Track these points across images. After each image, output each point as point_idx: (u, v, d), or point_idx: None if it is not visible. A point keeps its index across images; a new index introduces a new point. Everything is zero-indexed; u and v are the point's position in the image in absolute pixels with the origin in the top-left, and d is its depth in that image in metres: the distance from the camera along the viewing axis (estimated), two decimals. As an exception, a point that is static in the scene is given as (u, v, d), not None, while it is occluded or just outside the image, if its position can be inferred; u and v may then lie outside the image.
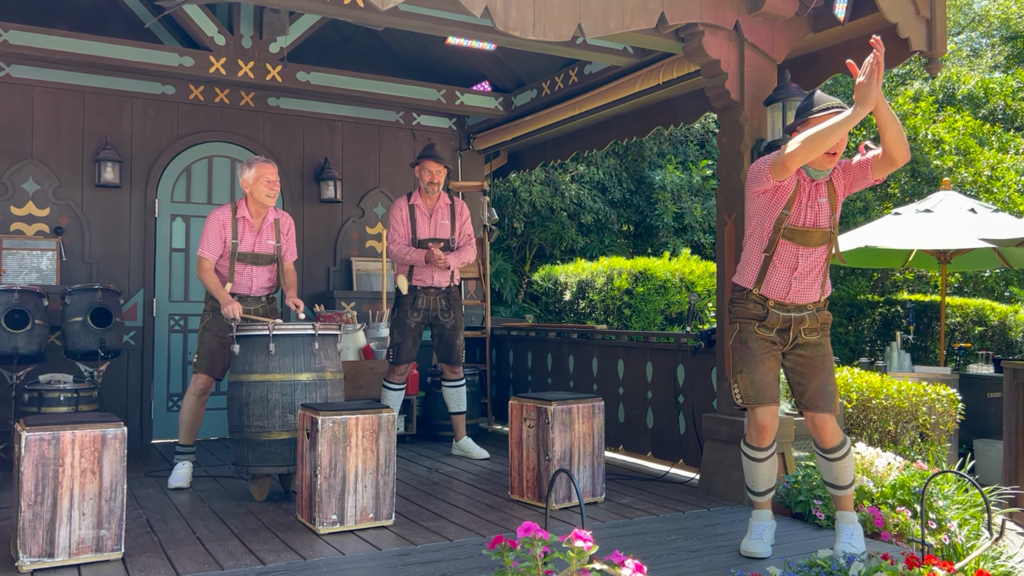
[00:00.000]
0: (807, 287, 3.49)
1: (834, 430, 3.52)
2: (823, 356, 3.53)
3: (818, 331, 3.54)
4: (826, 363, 3.53)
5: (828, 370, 3.52)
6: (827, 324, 3.58)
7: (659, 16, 4.27)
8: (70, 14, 6.25)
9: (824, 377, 3.51)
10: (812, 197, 3.44)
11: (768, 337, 3.52)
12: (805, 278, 3.48)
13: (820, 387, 3.49)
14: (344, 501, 3.78)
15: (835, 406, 3.51)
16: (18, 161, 6.05)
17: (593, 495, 4.38)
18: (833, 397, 3.51)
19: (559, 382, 6.51)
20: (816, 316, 3.54)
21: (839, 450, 3.52)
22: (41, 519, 3.19)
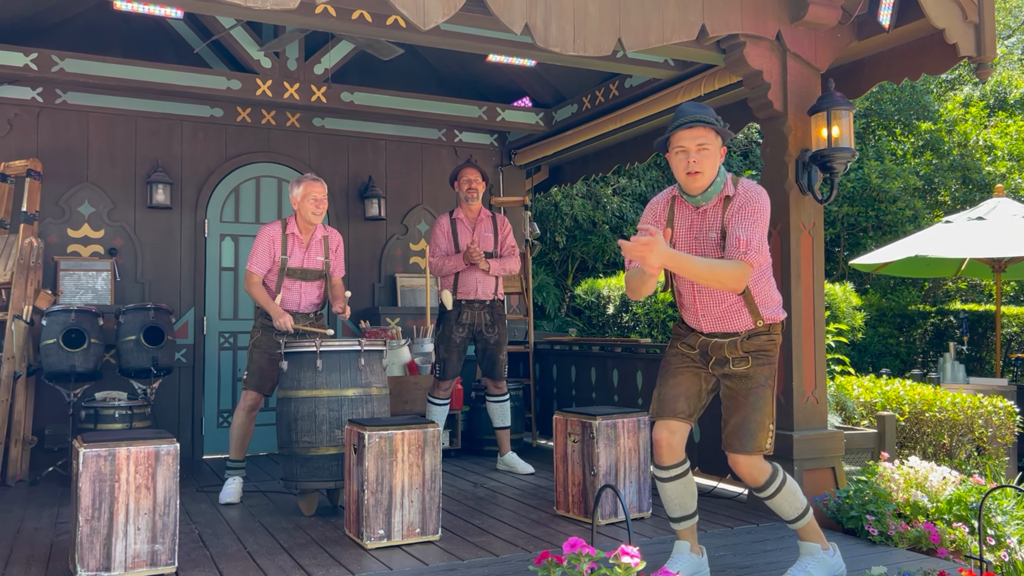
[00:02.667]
0: (719, 318, 3.17)
1: (753, 470, 3.18)
2: (747, 391, 3.16)
3: (747, 361, 3.16)
4: (749, 398, 3.15)
5: (751, 406, 3.14)
6: (764, 352, 3.17)
7: (700, 28, 4.26)
8: (122, 41, 6.44)
9: (744, 414, 3.15)
10: (697, 228, 3.14)
11: (688, 354, 3.27)
12: (713, 310, 3.17)
13: (736, 425, 3.16)
14: (391, 516, 3.81)
15: (752, 447, 3.13)
16: (74, 185, 6.24)
17: (639, 510, 4.34)
18: (751, 437, 3.13)
19: (603, 396, 6.48)
20: (743, 344, 3.16)
21: (764, 489, 3.22)
22: (98, 533, 3.27)
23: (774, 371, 3.20)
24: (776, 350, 3.21)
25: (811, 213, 4.57)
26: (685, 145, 3.05)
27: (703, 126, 3.03)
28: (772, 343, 3.19)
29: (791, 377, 4.46)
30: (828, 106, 4.40)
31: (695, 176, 3.05)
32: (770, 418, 3.15)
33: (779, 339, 3.23)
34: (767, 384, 3.16)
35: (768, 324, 3.17)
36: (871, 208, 12.64)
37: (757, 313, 3.14)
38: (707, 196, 3.10)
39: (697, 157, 3.04)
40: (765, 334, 3.17)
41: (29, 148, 6.12)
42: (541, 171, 8.13)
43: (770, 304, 3.19)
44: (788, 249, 4.50)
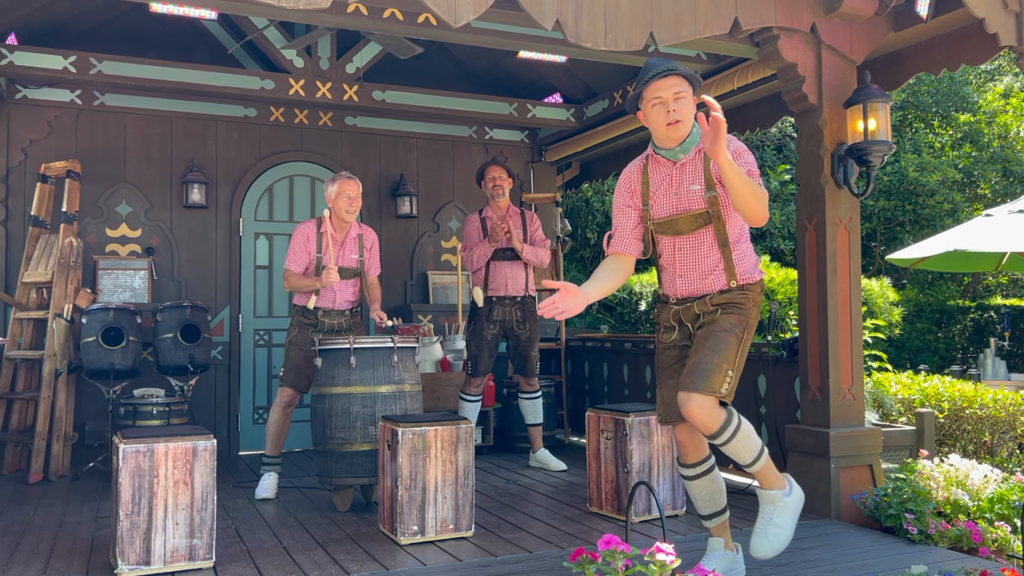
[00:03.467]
0: (697, 279, 3.10)
1: (703, 414, 2.92)
2: (708, 333, 3.02)
3: (716, 311, 3.07)
4: (709, 340, 2.99)
5: (709, 347, 2.97)
6: (735, 304, 3.05)
7: (732, 21, 4.22)
8: (158, 43, 6.53)
9: (701, 355, 2.97)
10: (676, 183, 3.08)
11: (674, 344, 3.17)
12: (692, 270, 3.10)
13: (692, 365, 2.98)
14: (424, 512, 3.82)
15: (704, 385, 2.90)
16: (112, 185, 6.35)
17: (673, 508, 4.32)
18: (704, 375, 2.91)
19: (636, 393, 6.45)
20: (712, 299, 3.08)
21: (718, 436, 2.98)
22: (138, 528, 3.33)
23: (745, 324, 3.04)
24: (749, 305, 3.07)
25: (847, 207, 4.51)
26: (662, 95, 2.98)
27: (677, 75, 2.97)
28: (744, 297, 3.06)
29: (827, 374, 4.41)
30: (864, 98, 4.33)
31: (676, 125, 2.97)
32: (730, 364, 2.96)
33: (755, 297, 3.10)
34: (732, 331, 3.00)
35: (742, 285, 3.07)
36: (908, 202, 12.44)
37: (732, 273, 3.06)
38: (685, 148, 3.04)
39: (676, 106, 2.96)
40: (738, 291, 3.07)
41: (68, 149, 6.23)
42: (572, 167, 8.11)
43: (745, 264, 3.10)
44: (824, 244, 4.44)
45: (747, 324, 3.05)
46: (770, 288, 9.04)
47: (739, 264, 3.08)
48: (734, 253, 3.06)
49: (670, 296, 3.17)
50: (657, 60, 3.04)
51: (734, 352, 3.00)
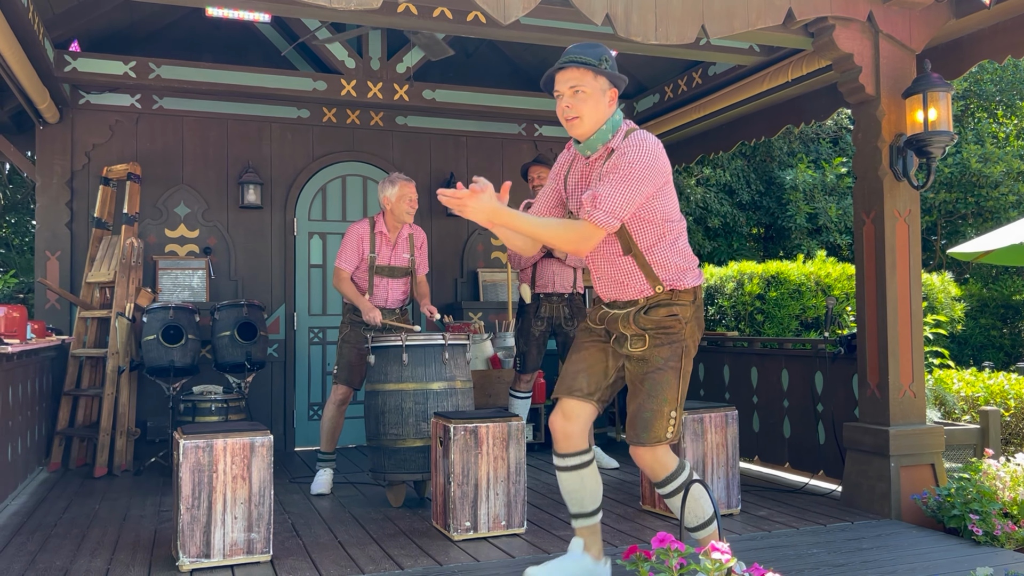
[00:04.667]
0: (613, 281, 2.91)
1: (652, 463, 2.86)
2: (643, 375, 2.85)
3: (643, 340, 2.85)
4: (645, 384, 2.84)
5: (646, 392, 2.83)
6: (664, 331, 2.83)
7: (786, 12, 4.14)
8: (214, 47, 6.66)
9: (639, 402, 2.84)
10: (585, 181, 2.89)
11: (595, 329, 2.99)
12: (607, 270, 2.92)
13: (633, 414, 2.86)
14: (477, 508, 3.84)
15: (648, 437, 2.81)
16: (171, 187, 6.50)
17: (728, 507, 4.26)
18: (646, 427, 2.81)
19: (689, 391, 6.38)
20: (638, 318, 2.85)
21: (662, 486, 2.90)
22: (198, 521, 3.40)
23: (680, 352, 2.85)
24: (681, 327, 2.84)
25: (907, 200, 4.39)
26: (559, 89, 2.81)
27: (576, 67, 2.76)
28: (674, 319, 2.82)
29: (887, 371, 4.30)
30: (924, 88, 4.21)
31: (572, 122, 2.80)
32: (671, 405, 2.82)
33: (686, 313, 2.86)
34: (667, 367, 2.81)
35: (671, 291, 2.84)
36: (970, 194, 12.08)
37: (655, 277, 2.83)
38: (591, 145, 2.84)
39: (571, 101, 2.77)
40: (666, 305, 2.83)
41: (129, 152, 6.40)
42: (622, 163, 8.05)
43: (671, 268, 2.85)
44: (882, 238, 4.34)
45: (682, 351, 2.85)
46: (826, 283, 8.86)
47: (661, 269, 2.84)
48: (650, 257, 2.83)
49: (601, 298, 3.01)
50: (573, 47, 2.83)
51: (674, 390, 2.83)
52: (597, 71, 2.75)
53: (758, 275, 8.85)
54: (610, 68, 2.80)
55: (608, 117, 2.82)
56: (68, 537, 3.93)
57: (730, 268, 9.28)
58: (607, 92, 2.80)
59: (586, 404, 2.91)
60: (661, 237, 2.84)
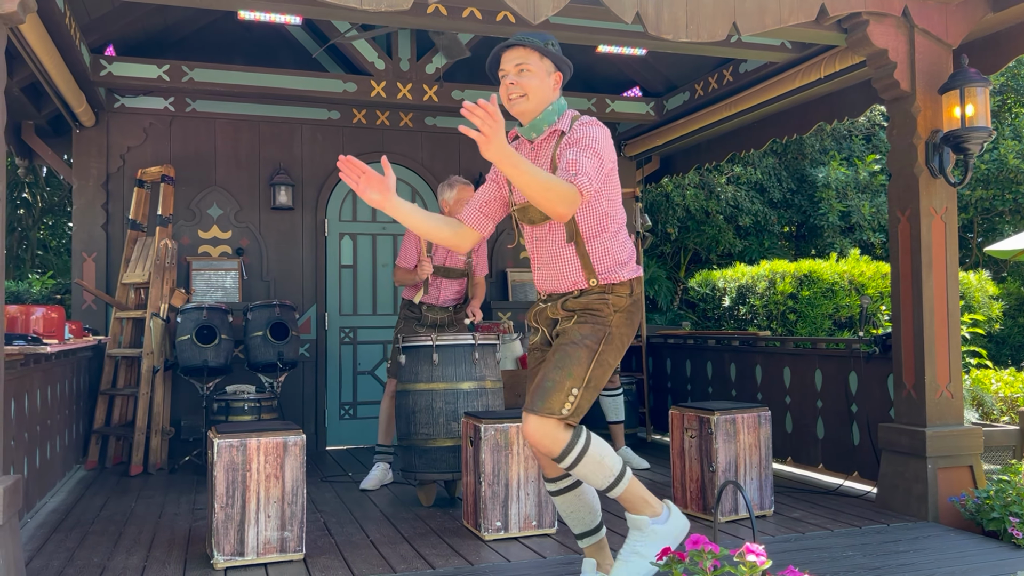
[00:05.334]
0: (552, 270, 2.84)
1: (542, 436, 2.69)
2: (557, 346, 2.76)
3: (571, 318, 2.80)
4: (556, 354, 2.73)
5: (554, 363, 2.72)
6: (591, 311, 2.77)
7: (819, 8, 4.09)
8: (245, 50, 6.73)
9: (546, 371, 2.73)
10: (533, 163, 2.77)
11: (538, 347, 2.92)
12: (548, 259, 2.84)
13: (536, 383, 2.75)
14: (508, 508, 3.84)
15: (542, 406, 2.67)
16: (204, 188, 6.58)
17: (761, 508, 4.22)
18: (544, 395, 2.68)
19: (720, 391, 6.34)
20: (566, 302, 2.82)
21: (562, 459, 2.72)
22: (232, 520, 3.44)
23: (602, 335, 2.75)
24: (608, 312, 2.76)
25: (943, 197, 4.32)
26: (505, 68, 2.77)
27: (522, 47, 2.74)
28: (603, 302, 2.77)
29: (923, 371, 4.24)
30: (961, 83, 4.14)
31: (518, 100, 2.74)
32: (575, 382, 2.69)
33: (618, 302, 2.79)
34: (583, 343, 2.72)
35: (604, 285, 2.79)
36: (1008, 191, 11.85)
37: (591, 270, 2.78)
38: (537, 126, 2.79)
39: (517, 79, 2.73)
40: (598, 293, 2.79)
41: (163, 155, 6.48)
42: (652, 161, 8.02)
43: (609, 261, 2.80)
44: (918, 236, 4.27)
45: (605, 334, 2.76)
46: (860, 282, 8.74)
47: (599, 261, 2.79)
48: (590, 248, 2.78)
49: (539, 292, 2.95)
50: (521, 32, 2.81)
51: (583, 367, 2.71)
52: (543, 52, 2.75)
53: (790, 274, 8.76)
54: (556, 51, 2.79)
55: (554, 100, 2.80)
56: (105, 534, 3.99)
57: (762, 267, 9.20)
58: (552, 75, 2.79)
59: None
60: (604, 228, 2.81)
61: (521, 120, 2.82)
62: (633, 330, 2.85)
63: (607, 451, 2.78)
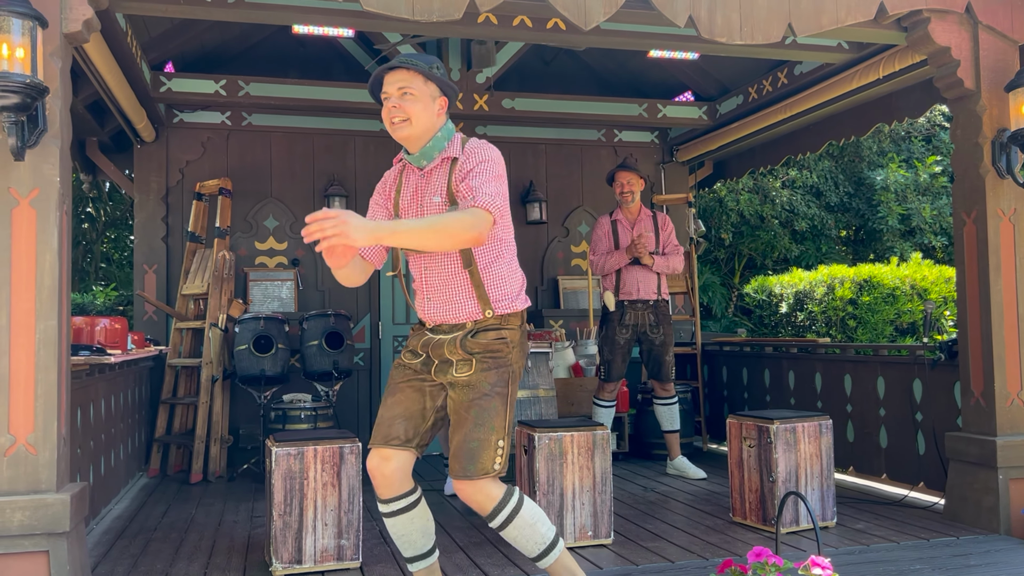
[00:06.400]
0: (445, 301, 2.70)
1: (478, 496, 2.63)
2: (469, 402, 2.63)
3: (470, 365, 2.65)
4: (471, 411, 2.62)
5: (472, 421, 2.61)
6: (493, 355, 2.65)
7: (878, 6, 3.99)
8: (299, 63, 6.84)
9: (465, 432, 2.62)
10: (420, 194, 2.72)
11: (411, 364, 2.77)
12: (440, 289, 2.71)
13: (458, 445, 2.63)
14: (563, 518, 3.81)
15: (475, 470, 2.59)
16: (260, 200, 6.69)
17: (823, 519, 4.12)
18: (473, 459, 2.59)
19: (778, 399, 6.21)
20: (465, 343, 2.66)
21: (492, 519, 2.66)
22: (290, 528, 3.47)
23: (507, 378, 2.67)
24: (508, 350, 2.67)
25: (1011, 198, 4.17)
26: (387, 91, 2.65)
27: (405, 69, 2.62)
28: (503, 343, 2.66)
29: (992, 378, 4.09)
30: (1029, 80, 4.00)
31: (401, 125, 2.63)
32: (499, 433, 2.63)
33: (514, 337, 2.70)
34: (494, 393, 2.63)
35: (500, 316, 2.68)
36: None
37: (486, 299, 2.66)
38: (427, 154, 2.68)
39: (399, 102, 2.61)
40: (495, 329, 2.67)
41: (220, 168, 6.62)
42: (705, 166, 7.92)
43: (504, 289, 2.69)
44: (985, 239, 4.13)
45: (510, 376, 2.68)
46: (922, 287, 8.51)
47: (494, 289, 2.68)
48: (485, 277, 2.67)
49: (425, 322, 2.79)
50: (406, 54, 2.71)
51: (502, 418, 2.64)
52: (427, 75, 2.64)
53: (850, 279, 8.56)
54: (441, 75, 2.69)
55: (441, 125, 2.71)
56: (167, 541, 4.06)
57: (820, 272, 9.01)
58: (437, 100, 2.68)
59: (403, 451, 2.71)
60: (499, 255, 2.72)
61: (407, 147, 2.73)
62: (525, 355, 2.79)
63: (541, 517, 2.71)
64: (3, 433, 3.08)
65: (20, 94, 2.95)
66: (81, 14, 3.27)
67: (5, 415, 3.08)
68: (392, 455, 2.69)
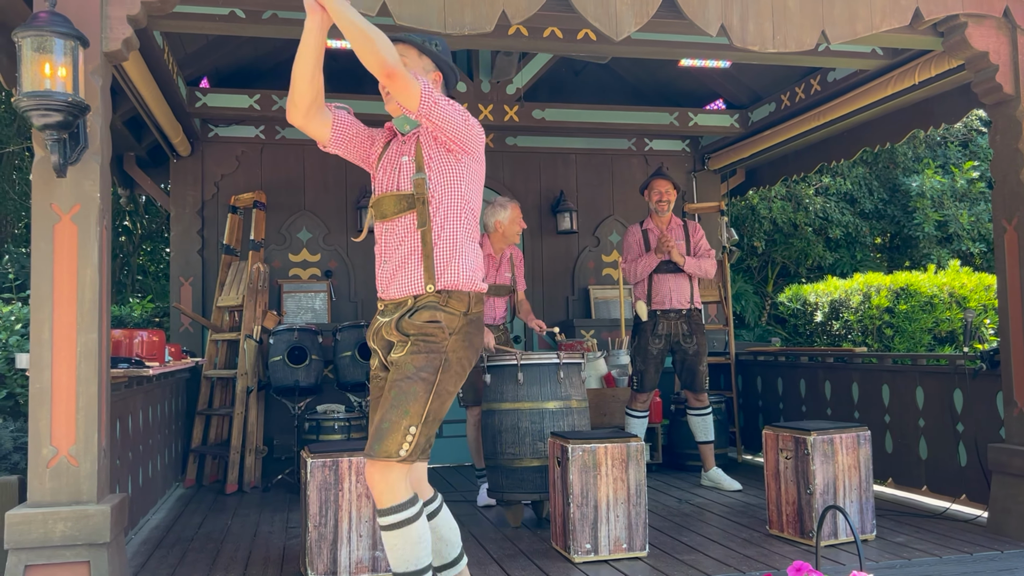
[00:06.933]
0: (395, 268, 2.67)
1: (377, 481, 2.54)
2: (392, 383, 2.57)
3: (404, 346, 2.60)
4: (391, 392, 2.55)
5: (390, 402, 2.54)
6: (425, 338, 2.58)
7: (913, 12, 3.95)
8: (331, 76, 6.82)
9: (383, 412, 2.55)
10: (396, 156, 2.78)
11: (378, 374, 2.75)
12: (393, 254, 2.69)
13: (374, 424, 2.57)
14: (597, 530, 3.78)
15: (378, 449, 2.50)
16: (293, 213, 6.76)
17: (862, 532, 4.04)
18: (380, 438, 2.51)
19: (815, 410, 6.13)
20: (400, 324, 2.62)
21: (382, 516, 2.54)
22: (325, 539, 3.49)
23: (438, 364, 2.58)
24: (443, 338, 2.59)
25: (1053, 204, 4.09)
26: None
27: (402, 44, 2.75)
28: (436, 327, 2.59)
29: (1036, 388, 4.00)
30: (1071, 84, 3.92)
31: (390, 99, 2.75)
32: (413, 420, 2.53)
33: (452, 323, 2.61)
34: (418, 377, 2.54)
35: (440, 293, 2.62)
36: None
37: (431, 271, 2.61)
38: (410, 120, 2.78)
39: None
40: (431, 309, 2.60)
41: (254, 181, 6.70)
42: (736, 174, 7.86)
43: (453, 262, 2.65)
44: (1027, 246, 4.05)
45: (440, 363, 2.58)
46: (961, 295, 8.35)
47: (443, 257, 2.64)
48: (437, 237, 2.64)
49: (379, 300, 2.77)
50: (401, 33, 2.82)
51: (420, 404, 2.54)
52: (421, 48, 2.75)
53: (886, 287, 8.43)
54: (440, 52, 2.78)
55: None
56: (204, 551, 4.10)
57: (855, 280, 8.89)
58: (431, 72, 2.79)
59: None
60: (459, 221, 2.70)
61: (396, 113, 2.81)
62: (475, 353, 2.70)
63: (427, 543, 2.60)
64: (46, 445, 3.14)
65: (63, 112, 3.01)
66: (121, 33, 3.33)
67: (48, 427, 3.14)
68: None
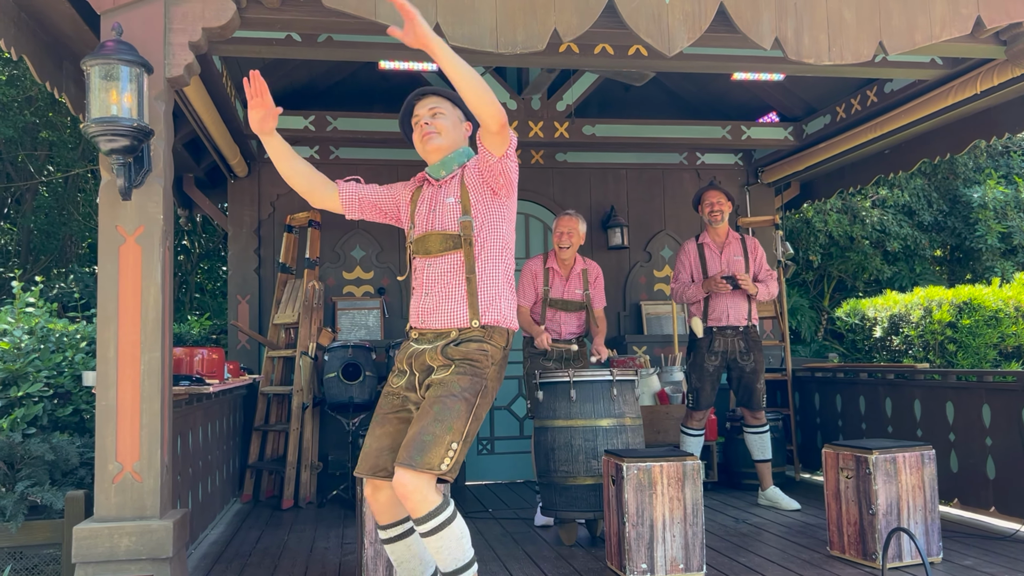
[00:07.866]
0: (438, 301, 2.77)
1: (415, 493, 2.55)
2: (435, 398, 2.64)
3: (449, 368, 2.70)
4: (435, 407, 2.62)
5: (433, 416, 2.61)
6: (471, 362, 2.69)
7: (974, 21, 3.86)
8: (384, 98, 7.00)
9: (423, 424, 2.60)
10: (433, 201, 2.88)
11: (398, 392, 2.81)
12: (437, 287, 2.79)
13: (412, 435, 2.61)
14: (653, 550, 3.73)
15: (420, 461, 2.54)
16: (347, 232, 6.86)
17: (928, 554, 3.92)
18: (422, 449, 2.55)
19: (875, 428, 5.98)
20: (447, 350, 2.72)
21: (423, 522, 2.59)
22: (381, 556, 3.50)
23: (480, 389, 2.69)
24: (487, 364, 2.71)
25: None
26: (418, 114, 2.94)
27: (434, 95, 2.93)
28: (483, 354, 2.71)
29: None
30: None
31: (431, 136, 2.86)
32: (456, 436, 2.60)
33: (496, 355, 2.75)
34: (463, 396, 2.64)
35: (485, 328, 2.75)
36: None
37: (476, 308, 2.74)
38: (447, 164, 2.88)
39: (431, 120, 2.89)
40: (478, 341, 2.73)
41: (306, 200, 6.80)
42: (791, 187, 7.75)
43: (497, 301, 2.78)
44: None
45: (483, 388, 2.70)
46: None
47: (486, 295, 2.77)
48: (482, 281, 2.78)
49: (413, 328, 2.86)
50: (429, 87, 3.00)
51: (463, 421, 2.63)
52: (454, 101, 2.93)
53: (948, 301, 8.21)
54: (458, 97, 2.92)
55: (464, 145, 2.95)
56: (262, 567, 4.15)
57: (916, 295, 8.67)
58: (463, 123, 2.96)
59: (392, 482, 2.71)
60: (500, 261, 2.84)
61: (430, 156, 2.91)
62: (501, 382, 2.82)
63: (467, 536, 2.68)
64: (111, 461, 3.22)
65: (128, 137, 3.11)
66: (183, 59, 3.43)
67: (113, 443, 3.22)
68: (382, 485, 2.76)
